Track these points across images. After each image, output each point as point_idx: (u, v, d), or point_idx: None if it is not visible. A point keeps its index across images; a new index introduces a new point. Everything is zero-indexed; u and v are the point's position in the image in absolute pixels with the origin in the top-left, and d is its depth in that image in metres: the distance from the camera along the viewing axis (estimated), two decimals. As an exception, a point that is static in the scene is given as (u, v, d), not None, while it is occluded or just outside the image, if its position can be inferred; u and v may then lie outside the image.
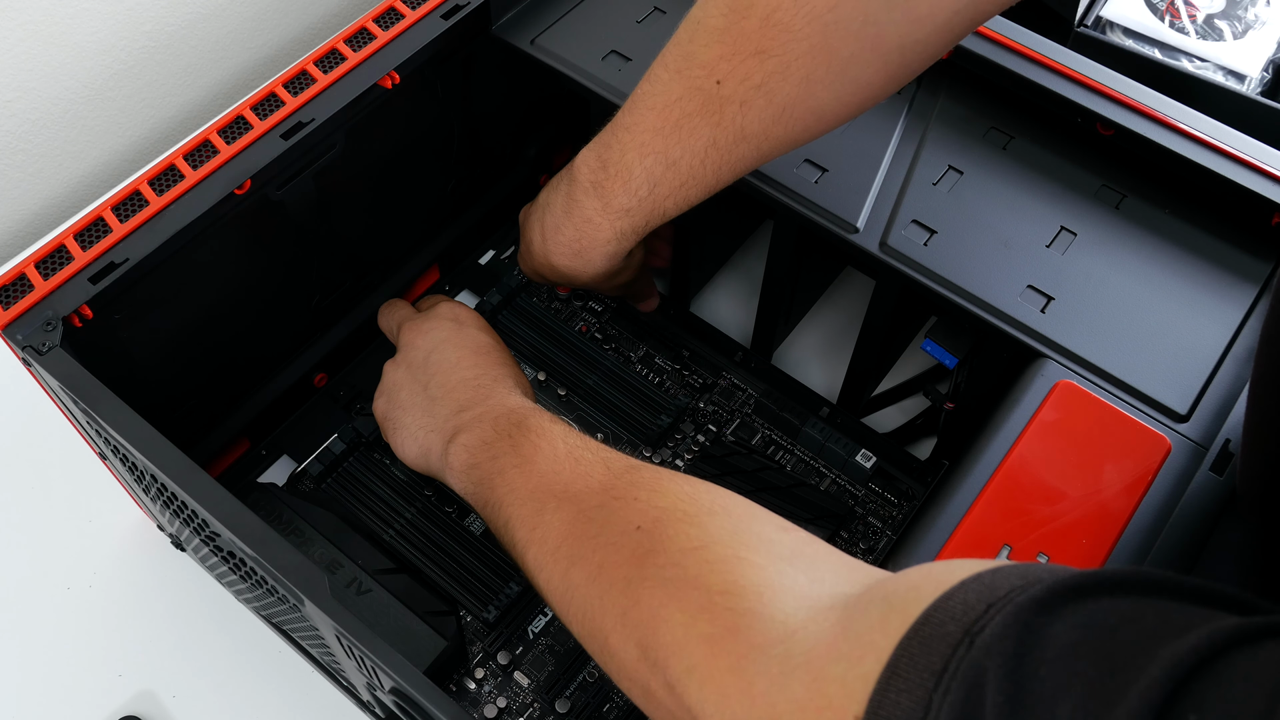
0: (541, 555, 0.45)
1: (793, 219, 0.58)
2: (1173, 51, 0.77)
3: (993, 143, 0.59)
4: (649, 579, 0.39)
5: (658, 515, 0.41)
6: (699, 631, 0.36)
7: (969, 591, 0.29)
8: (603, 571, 0.41)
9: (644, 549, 0.40)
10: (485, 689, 0.58)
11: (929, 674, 0.27)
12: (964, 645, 0.27)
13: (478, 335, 0.60)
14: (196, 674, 0.61)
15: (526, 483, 0.48)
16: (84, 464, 0.63)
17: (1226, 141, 0.56)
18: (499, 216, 0.74)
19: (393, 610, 0.55)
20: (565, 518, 0.45)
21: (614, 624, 0.40)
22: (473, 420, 0.54)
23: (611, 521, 0.43)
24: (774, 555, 0.38)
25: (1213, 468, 0.48)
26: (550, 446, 0.49)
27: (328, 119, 0.55)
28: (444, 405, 0.56)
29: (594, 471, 0.46)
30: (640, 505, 0.43)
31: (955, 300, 0.54)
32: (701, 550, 0.39)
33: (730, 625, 0.35)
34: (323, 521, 0.59)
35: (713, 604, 0.36)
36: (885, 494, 0.64)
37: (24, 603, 0.63)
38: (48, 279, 0.50)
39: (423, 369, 0.59)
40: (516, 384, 0.57)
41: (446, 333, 0.60)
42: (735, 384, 0.68)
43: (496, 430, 0.52)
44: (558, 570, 0.44)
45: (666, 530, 0.40)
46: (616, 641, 0.40)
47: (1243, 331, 0.53)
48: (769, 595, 0.35)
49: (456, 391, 0.56)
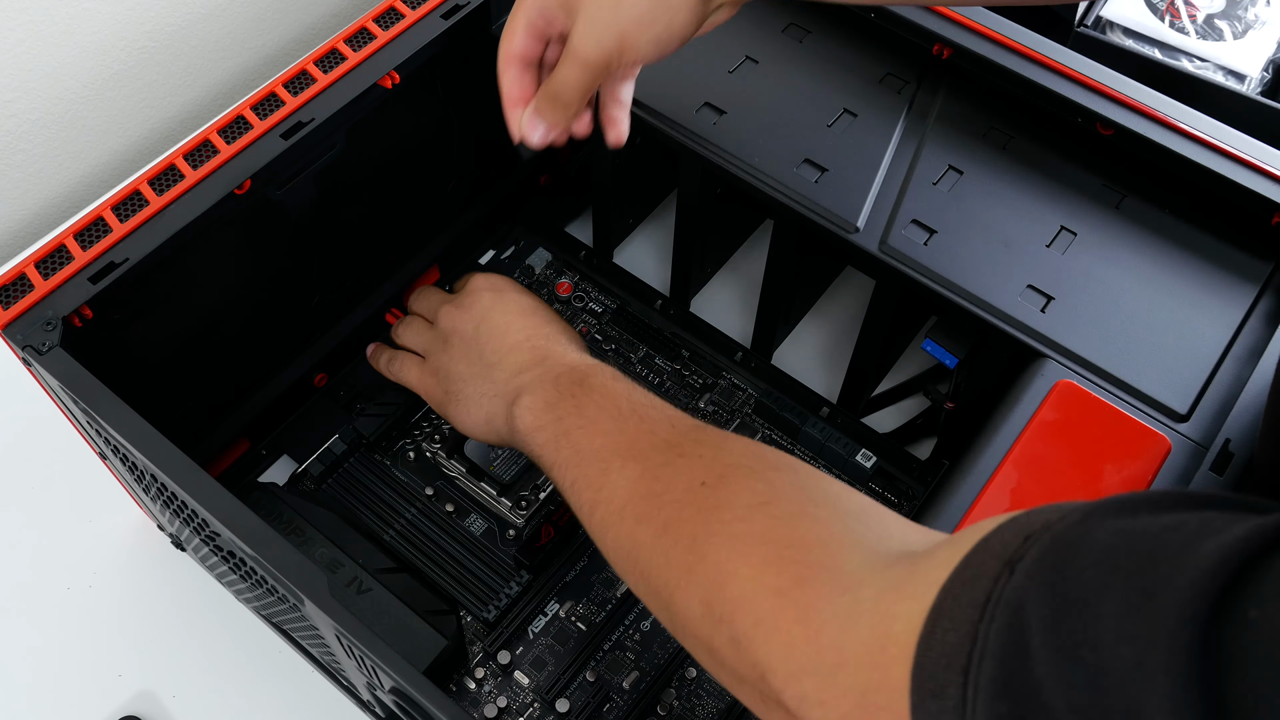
0: (608, 515, 0.45)
1: (793, 219, 0.58)
2: (1173, 51, 0.77)
3: (993, 142, 0.59)
4: (715, 535, 0.39)
5: (723, 471, 0.41)
6: (766, 584, 0.36)
7: (1006, 531, 0.29)
8: (669, 529, 0.41)
9: (710, 505, 0.40)
10: (485, 689, 0.58)
11: (973, 607, 0.27)
12: (1004, 575, 0.27)
13: (520, 298, 0.60)
14: (196, 674, 0.61)
15: (591, 443, 0.48)
16: (84, 464, 0.63)
17: (1226, 141, 0.56)
18: (499, 216, 0.74)
19: (393, 610, 0.55)
20: (631, 476, 0.44)
21: (679, 580, 0.40)
22: (534, 381, 0.53)
23: (677, 478, 0.42)
24: (840, 510, 0.38)
25: (1213, 467, 0.48)
26: (614, 405, 0.49)
27: (328, 119, 0.55)
28: (502, 369, 0.56)
29: (659, 429, 0.46)
30: (706, 461, 0.42)
31: (955, 300, 0.54)
32: (768, 505, 0.39)
33: (798, 577, 0.35)
34: (323, 521, 0.59)
35: (780, 557, 0.36)
36: (885, 494, 0.64)
37: (24, 603, 0.63)
38: (48, 279, 0.50)
39: (474, 341, 0.58)
40: (570, 339, 0.57)
41: (489, 302, 0.60)
42: (735, 384, 0.68)
43: (559, 390, 0.51)
44: (624, 529, 0.44)
45: (732, 486, 0.40)
46: (681, 598, 0.39)
47: (1243, 331, 0.53)
48: (836, 548, 0.35)
49: (512, 354, 0.56)
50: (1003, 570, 0.27)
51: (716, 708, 0.57)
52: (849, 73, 0.62)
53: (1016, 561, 0.27)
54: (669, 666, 0.58)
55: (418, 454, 0.65)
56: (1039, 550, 0.27)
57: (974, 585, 0.28)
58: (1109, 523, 0.26)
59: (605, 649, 0.59)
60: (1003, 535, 0.29)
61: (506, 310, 0.59)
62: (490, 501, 0.63)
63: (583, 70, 0.48)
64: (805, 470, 0.41)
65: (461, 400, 0.57)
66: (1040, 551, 0.27)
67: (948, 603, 0.28)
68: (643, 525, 0.43)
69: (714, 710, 0.57)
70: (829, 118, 0.60)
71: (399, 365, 0.63)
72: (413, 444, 0.66)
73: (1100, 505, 0.27)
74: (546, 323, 0.58)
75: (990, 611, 0.26)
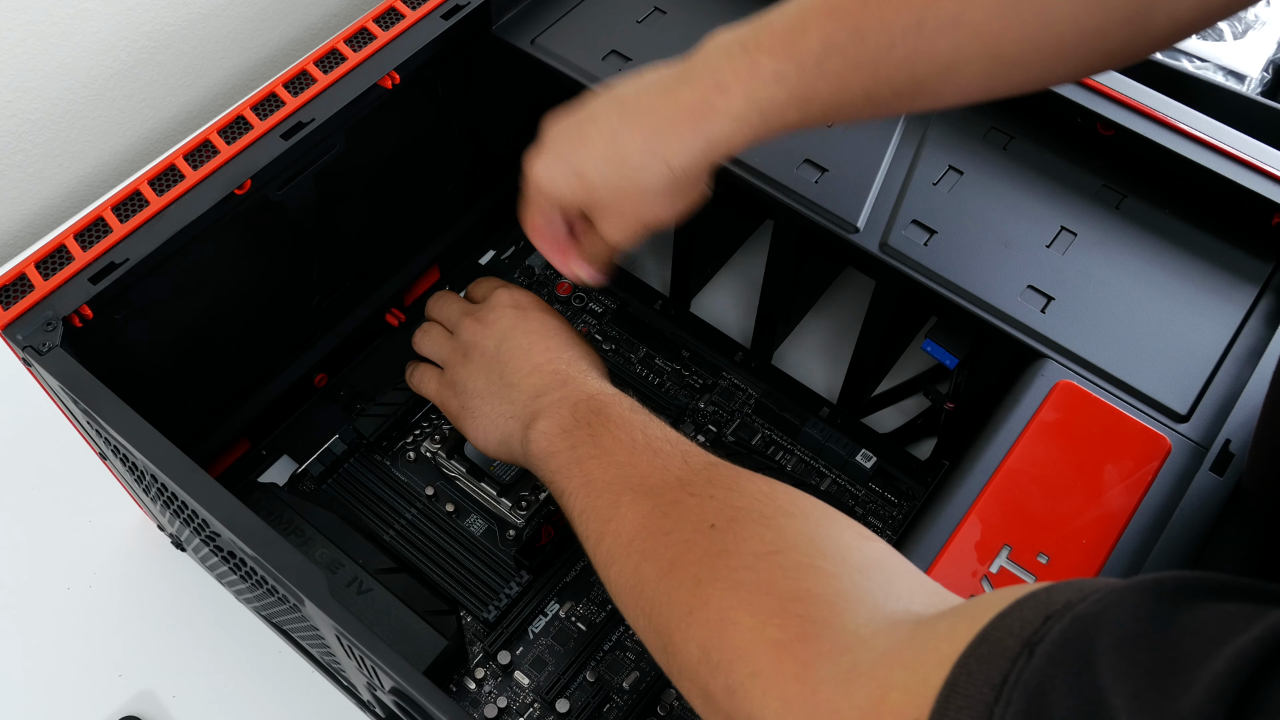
0: (614, 548, 0.44)
1: (793, 219, 0.58)
2: (1173, 51, 0.77)
3: (993, 143, 0.60)
4: (720, 580, 0.38)
5: (733, 515, 0.41)
6: (767, 636, 0.35)
7: (1025, 608, 0.28)
8: (674, 569, 0.41)
9: (717, 549, 0.40)
10: (485, 689, 0.58)
11: (988, 688, 0.27)
12: (1023, 657, 0.26)
13: (544, 318, 0.59)
14: (196, 674, 0.61)
15: (604, 474, 0.47)
16: (84, 464, 0.63)
17: (1226, 141, 0.56)
18: (499, 217, 0.74)
19: (393, 610, 0.55)
20: (640, 512, 0.44)
21: (679, 622, 0.39)
22: (551, 406, 0.53)
23: (686, 518, 0.42)
24: (849, 564, 0.37)
25: (1213, 468, 0.48)
26: (629, 438, 0.48)
27: (328, 119, 0.55)
28: (521, 391, 0.55)
29: (672, 465, 0.46)
30: (716, 503, 0.42)
31: (955, 300, 0.54)
32: (776, 555, 0.38)
33: (800, 632, 0.35)
34: (323, 521, 0.59)
35: (784, 610, 0.36)
36: (885, 494, 0.64)
37: (24, 603, 0.63)
38: (48, 279, 0.50)
39: (495, 358, 0.58)
40: (591, 365, 0.57)
41: (512, 320, 0.59)
42: (735, 384, 0.68)
43: (575, 418, 0.51)
44: (629, 564, 0.43)
45: (741, 531, 0.40)
46: (680, 639, 0.39)
47: (1243, 332, 0.53)
48: (841, 605, 0.35)
49: (532, 377, 0.56)
50: (1021, 651, 0.27)
51: (716, 708, 0.57)
52: (849, 73, 0.62)
53: (1036, 644, 0.26)
54: (669, 667, 0.58)
55: (418, 454, 0.65)
56: (1059, 635, 0.26)
57: (990, 664, 0.27)
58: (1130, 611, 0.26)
59: (605, 649, 0.59)
60: (1022, 612, 0.28)
61: (530, 331, 0.58)
62: (490, 502, 0.63)
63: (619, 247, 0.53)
64: (818, 516, 0.40)
65: (478, 418, 0.57)
66: (1061, 636, 0.26)
67: (962, 680, 0.28)
68: (648, 562, 0.42)
69: (714, 710, 0.57)
70: (829, 118, 0.60)
71: (418, 376, 0.63)
72: (413, 444, 0.66)
73: (1123, 588, 0.27)
74: (569, 346, 0.57)
75: (1007, 695, 0.26)
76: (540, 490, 0.63)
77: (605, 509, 0.46)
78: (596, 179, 0.48)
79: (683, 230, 0.67)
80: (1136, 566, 0.45)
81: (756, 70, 0.44)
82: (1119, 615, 0.25)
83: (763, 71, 0.44)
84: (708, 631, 0.38)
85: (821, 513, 0.40)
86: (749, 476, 0.43)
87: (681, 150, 0.46)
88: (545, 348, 0.57)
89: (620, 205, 0.49)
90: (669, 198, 0.48)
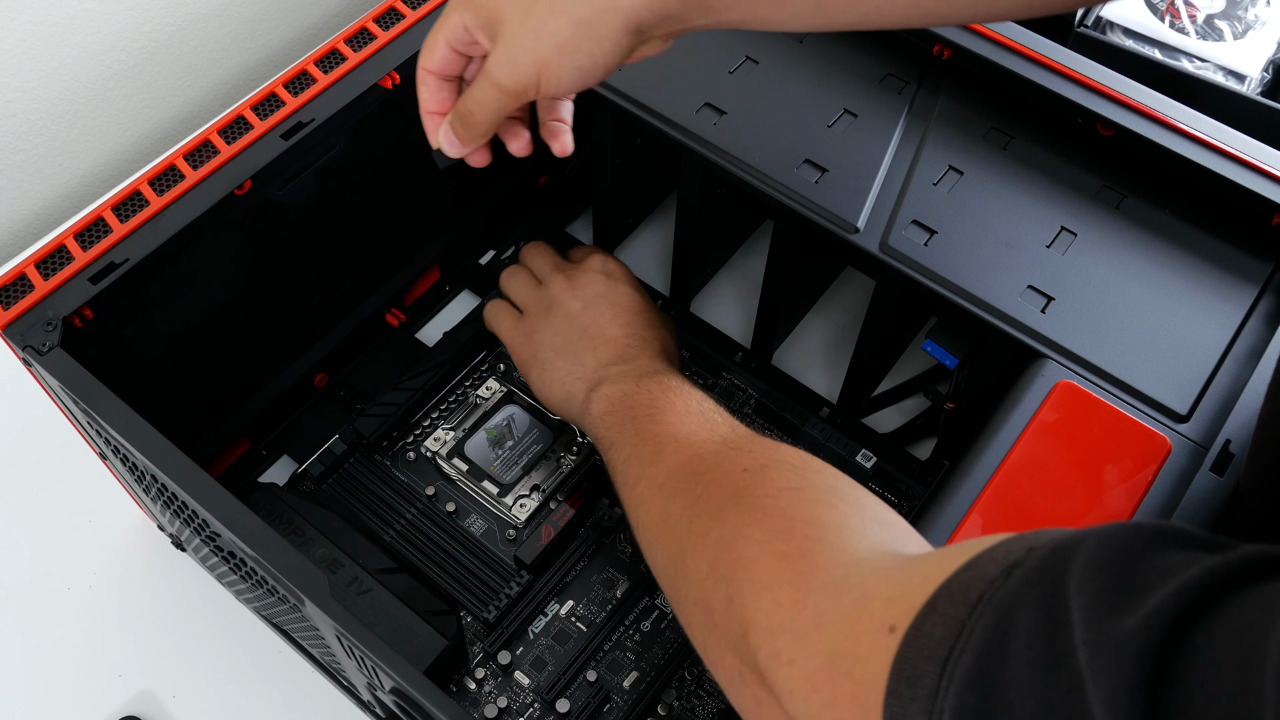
0: (648, 489, 0.47)
1: (793, 219, 0.58)
2: (1173, 51, 0.77)
3: (993, 143, 0.59)
4: (741, 506, 0.41)
5: (765, 462, 0.44)
6: (773, 548, 0.38)
7: (1012, 543, 0.30)
8: (699, 501, 0.44)
9: (744, 485, 0.43)
10: (485, 689, 0.58)
11: (964, 606, 0.28)
12: (1000, 579, 0.28)
13: (631, 293, 0.62)
14: (196, 674, 0.61)
15: (653, 427, 0.50)
16: (84, 464, 0.63)
17: (1226, 142, 0.56)
18: (499, 217, 0.74)
19: (393, 610, 0.55)
20: (680, 459, 0.47)
21: (695, 543, 0.42)
22: (618, 374, 0.56)
23: (721, 464, 0.45)
24: (865, 513, 0.40)
25: (1213, 468, 0.48)
26: (684, 403, 0.52)
27: (328, 119, 0.55)
28: (594, 356, 0.58)
29: (719, 428, 0.49)
30: (753, 455, 0.45)
31: (955, 300, 0.54)
32: (797, 490, 0.41)
33: (804, 549, 0.37)
34: (323, 521, 0.59)
35: (793, 529, 0.38)
36: (886, 494, 0.64)
37: (24, 603, 0.63)
38: (48, 279, 0.50)
39: (577, 320, 0.60)
40: (664, 348, 0.60)
41: (601, 287, 0.62)
42: (735, 384, 0.68)
43: (639, 385, 0.54)
44: (658, 502, 0.46)
45: (770, 473, 0.43)
46: (692, 560, 0.42)
47: (1243, 332, 0.53)
48: (847, 533, 0.38)
49: (606, 347, 0.59)
50: (1000, 575, 0.28)
51: (716, 708, 0.57)
52: (849, 73, 0.62)
53: (1015, 568, 0.28)
54: (669, 667, 0.58)
55: (418, 454, 0.65)
56: (1039, 558, 0.28)
57: (970, 586, 0.29)
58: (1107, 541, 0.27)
59: (605, 649, 0.59)
60: (1009, 545, 0.30)
61: (615, 302, 0.61)
62: (490, 502, 0.63)
63: (495, 95, 0.46)
64: (847, 480, 0.43)
65: (547, 370, 0.60)
66: (1040, 559, 0.28)
67: (942, 599, 0.29)
68: (677, 499, 0.45)
69: (714, 710, 0.57)
70: (829, 118, 0.60)
71: (494, 312, 0.66)
72: (413, 444, 0.66)
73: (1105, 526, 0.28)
74: (647, 326, 0.60)
75: (980, 610, 0.28)
76: (541, 490, 0.63)
77: (648, 455, 0.49)
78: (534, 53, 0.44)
79: (682, 230, 0.67)
80: (1137, 567, 0.45)
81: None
82: (1095, 544, 0.27)
83: None
84: (719, 549, 0.40)
85: (851, 481, 0.43)
86: (789, 446, 0.46)
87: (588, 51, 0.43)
88: (625, 322, 0.60)
89: (524, 31, 0.44)
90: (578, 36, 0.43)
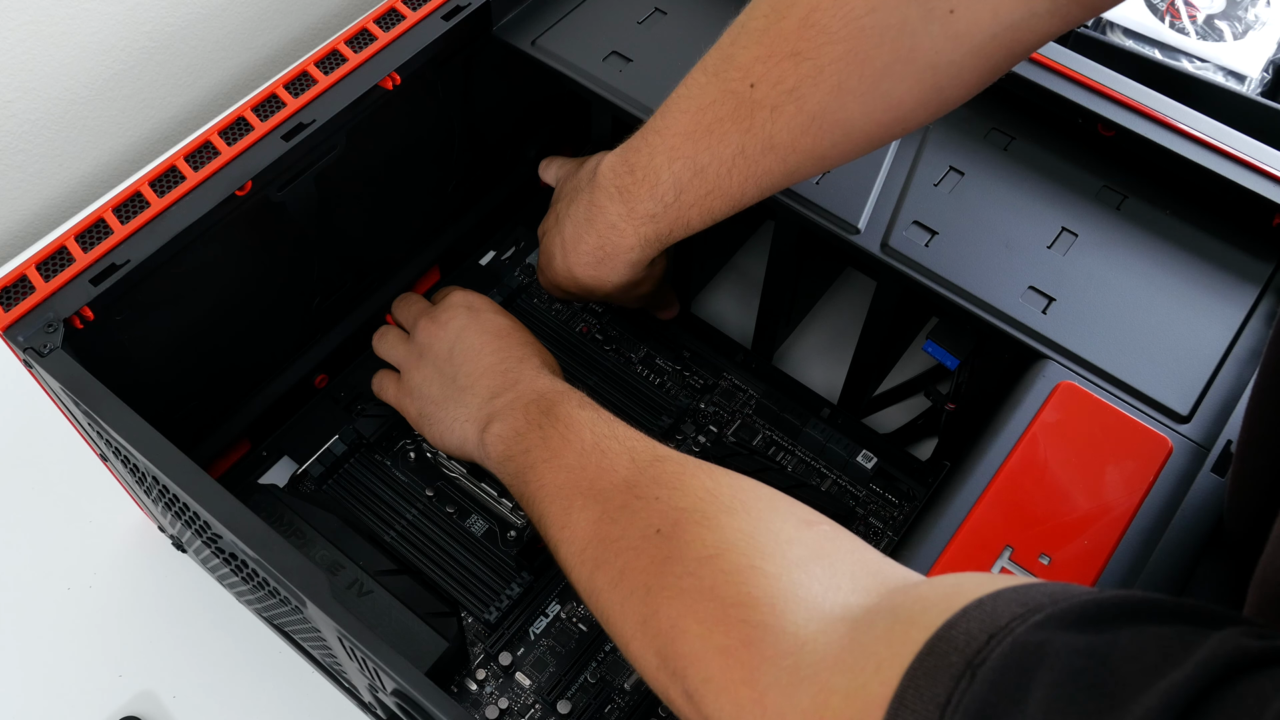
0: (570, 556, 0.46)
1: (794, 220, 0.58)
2: (1173, 52, 0.77)
3: (994, 143, 0.60)
4: (667, 588, 0.40)
5: (677, 518, 0.42)
6: (714, 644, 0.37)
7: (971, 620, 0.29)
8: (624, 578, 0.43)
9: (662, 555, 0.41)
10: (487, 690, 0.58)
11: (934, 706, 0.28)
12: (966, 677, 0.28)
13: (495, 319, 0.61)
14: (196, 674, 0.61)
15: (555, 478, 0.49)
16: (85, 465, 0.63)
17: (1227, 142, 0.56)
18: (500, 217, 0.74)
19: (394, 611, 0.55)
20: (590, 518, 0.46)
21: (634, 631, 0.41)
22: (504, 407, 0.54)
23: (633, 524, 0.44)
24: (788, 561, 0.38)
25: (1214, 468, 0.48)
26: (578, 438, 0.50)
27: (329, 120, 0.55)
28: (474, 394, 0.57)
29: (619, 466, 0.47)
30: (661, 506, 0.43)
31: (956, 301, 0.54)
32: (716, 559, 0.39)
33: (744, 638, 0.36)
34: (324, 523, 0.59)
35: (727, 616, 0.37)
36: (886, 495, 0.64)
37: (24, 603, 0.63)
38: (49, 280, 0.50)
39: (448, 362, 0.59)
40: (543, 363, 0.58)
41: (464, 321, 0.60)
42: (736, 385, 0.68)
43: (527, 419, 0.53)
44: (584, 572, 0.45)
45: (684, 535, 0.41)
46: (637, 648, 0.41)
47: (1244, 332, 0.53)
48: (781, 607, 0.36)
49: (484, 379, 0.57)
50: (965, 670, 0.28)
51: (717, 709, 0.57)
52: (850, 73, 0.62)
53: (979, 666, 0.28)
54: (670, 667, 0.58)
55: (418, 455, 0.65)
56: (1000, 660, 0.27)
57: (935, 679, 0.29)
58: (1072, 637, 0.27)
59: (606, 650, 0.59)
60: (968, 625, 0.29)
61: (482, 331, 0.59)
62: (491, 502, 0.63)
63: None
64: (760, 509, 0.41)
65: (436, 423, 0.58)
66: (1002, 661, 0.27)
67: (910, 694, 0.29)
68: (600, 571, 0.44)
69: (715, 711, 0.57)
70: (830, 119, 0.60)
71: (379, 382, 0.65)
72: (413, 445, 0.66)
73: (1063, 612, 0.28)
74: (519, 345, 0.59)
75: (950, 715, 0.27)
76: (541, 491, 0.63)
77: (559, 515, 0.48)
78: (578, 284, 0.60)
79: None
80: (1138, 568, 0.45)
81: (635, 212, 0.54)
82: (1059, 648, 0.27)
83: (639, 213, 0.54)
84: (661, 640, 0.40)
85: (764, 505, 0.42)
86: (693, 471, 0.45)
87: (606, 278, 0.58)
88: (496, 348, 0.58)
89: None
90: (628, 285, 0.59)
